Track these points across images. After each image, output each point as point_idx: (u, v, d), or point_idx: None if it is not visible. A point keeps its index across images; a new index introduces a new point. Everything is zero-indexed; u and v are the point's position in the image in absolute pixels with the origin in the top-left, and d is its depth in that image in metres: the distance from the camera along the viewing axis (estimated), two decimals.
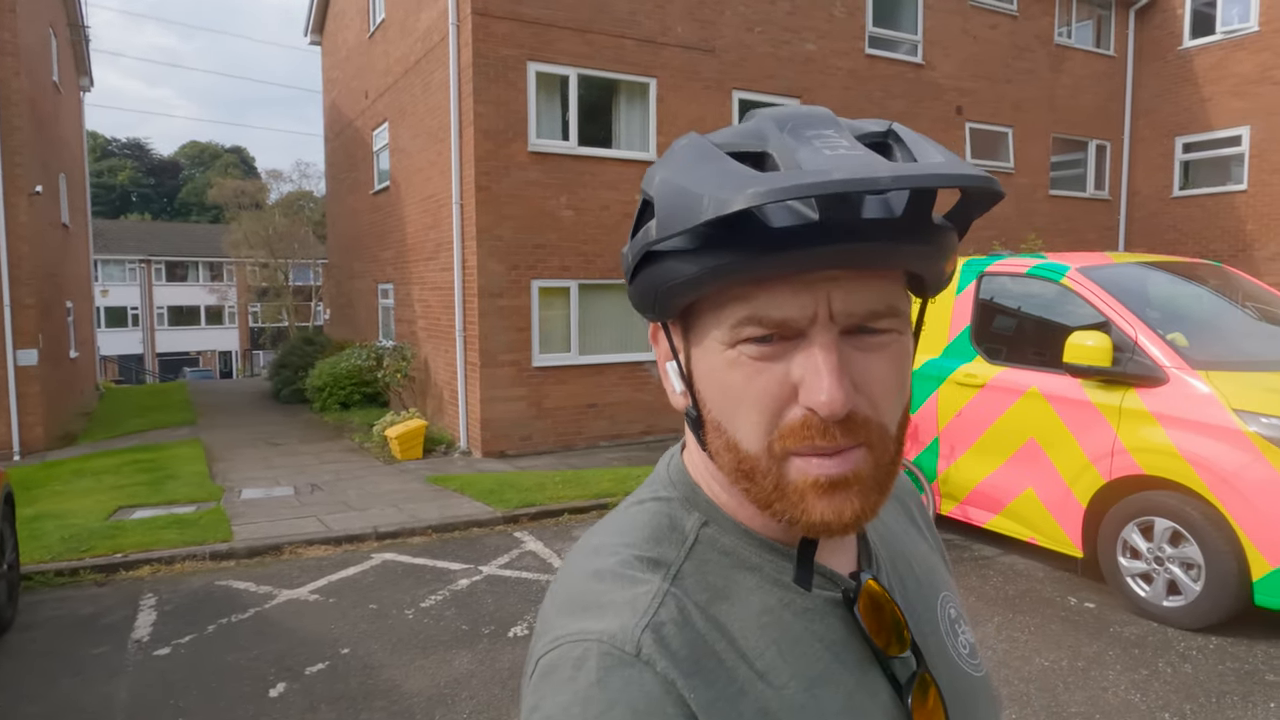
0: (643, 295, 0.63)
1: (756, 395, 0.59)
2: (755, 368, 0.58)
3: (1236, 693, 3.72)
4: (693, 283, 0.58)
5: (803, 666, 0.62)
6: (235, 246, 30.50)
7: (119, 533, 6.26)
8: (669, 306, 0.62)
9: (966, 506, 5.66)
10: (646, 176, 0.62)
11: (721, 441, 0.62)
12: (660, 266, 0.59)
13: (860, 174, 0.51)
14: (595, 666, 0.56)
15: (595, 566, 0.65)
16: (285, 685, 3.95)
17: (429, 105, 10.59)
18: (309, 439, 11.11)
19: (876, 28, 11.97)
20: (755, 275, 0.56)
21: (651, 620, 0.59)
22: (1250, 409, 4.17)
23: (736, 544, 0.66)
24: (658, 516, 0.68)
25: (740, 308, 0.58)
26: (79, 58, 17.86)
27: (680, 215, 0.55)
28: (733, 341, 0.59)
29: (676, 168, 0.58)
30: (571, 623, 0.60)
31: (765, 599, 0.64)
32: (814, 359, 0.57)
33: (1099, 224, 14.82)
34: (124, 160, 60.05)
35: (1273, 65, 12.89)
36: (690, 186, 0.55)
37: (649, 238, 0.58)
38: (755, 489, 0.61)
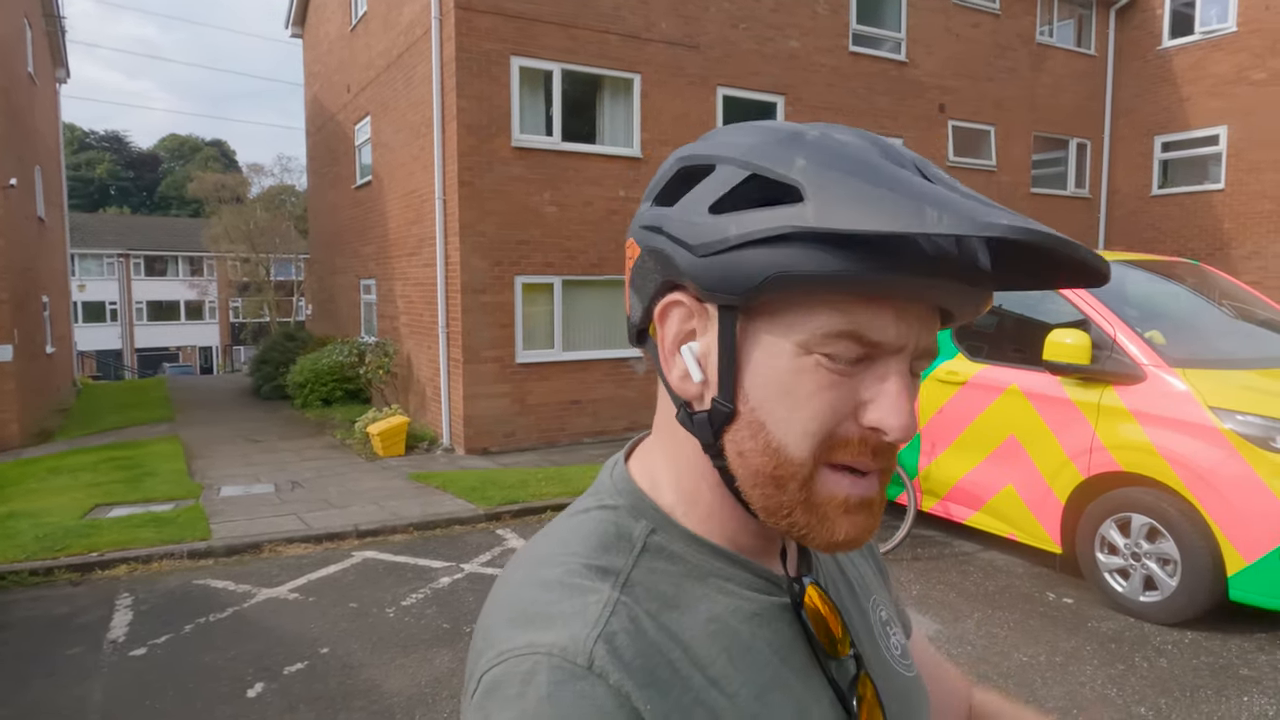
0: (733, 275, 0.57)
1: (822, 407, 0.58)
2: (829, 380, 0.58)
3: (1210, 687, 3.77)
4: (822, 280, 0.54)
5: (753, 673, 0.61)
6: (215, 241, 30.15)
7: (95, 531, 6.18)
8: (759, 292, 0.56)
9: (947, 503, 5.70)
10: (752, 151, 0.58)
11: (759, 443, 0.59)
12: (787, 251, 0.54)
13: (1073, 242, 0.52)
14: (545, 680, 0.54)
15: (541, 576, 0.62)
16: (263, 685, 3.91)
17: (411, 100, 10.51)
18: (290, 435, 11.02)
19: (860, 25, 12.00)
20: (884, 291, 0.56)
21: (604, 630, 0.57)
22: (1226, 406, 4.22)
23: (685, 551, 0.65)
24: (604, 524, 0.65)
25: (836, 319, 0.56)
26: (55, 49, 17.58)
27: (860, 212, 0.52)
28: (812, 349, 0.57)
29: (838, 162, 0.55)
30: (518, 635, 0.57)
31: (713, 606, 0.63)
32: (894, 385, 0.58)
33: (1079, 222, 14.95)
34: (102, 153, 59.26)
35: (1250, 66, 13.04)
36: (886, 189, 0.53)
37: (801, 220, 0.54)
38: (780, 496, 0.60)
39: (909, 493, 5.58)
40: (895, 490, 5.96)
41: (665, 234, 0.60)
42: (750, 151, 0.58)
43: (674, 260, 0.60)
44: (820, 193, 0.54)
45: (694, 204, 0.59)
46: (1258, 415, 4.13)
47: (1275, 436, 4.05)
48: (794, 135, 0.59)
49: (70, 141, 53.43)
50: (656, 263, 0.62)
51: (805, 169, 0.55)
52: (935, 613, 4.66)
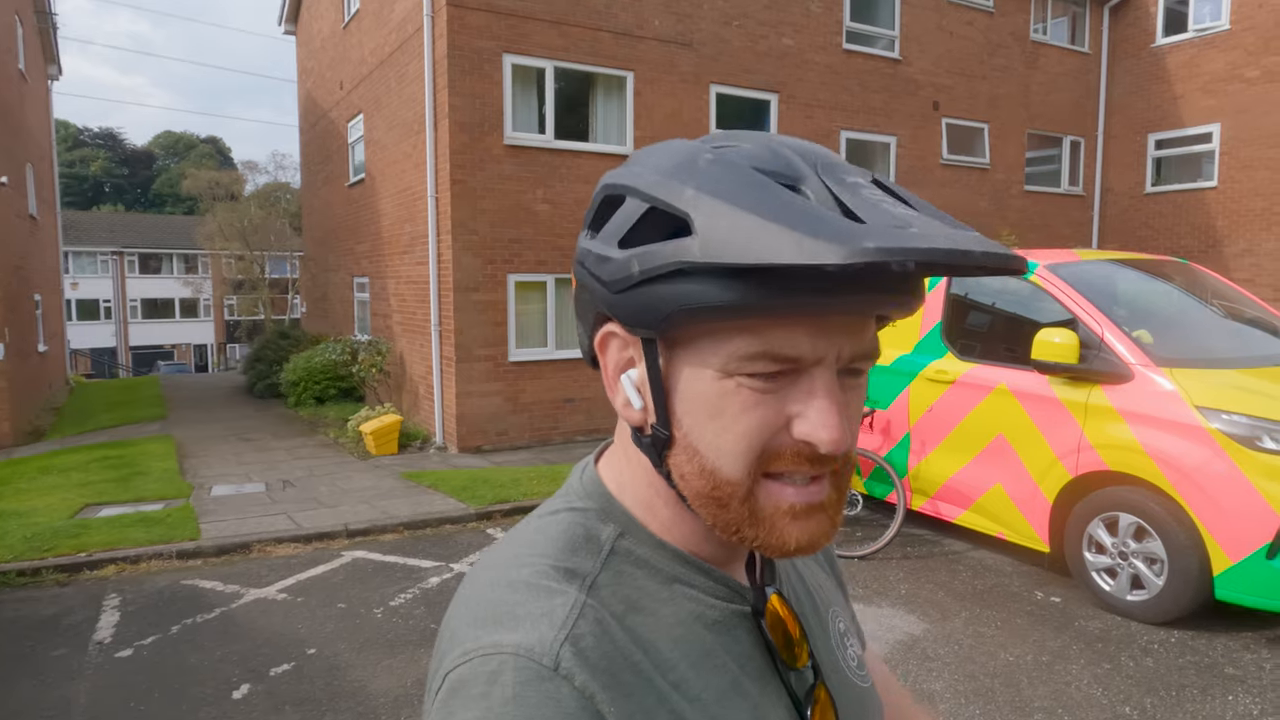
0: (644, 310, 0.58)
1: (750, 426, 0.58)
2: (753, 399, 0.58)
3: (1196, 686, 3.78)
4: (719, 310, 0.55)
5: (714, 679, 0.62)
6: (209, 239, 30.08)
7: (84, 531, 6.16)
8: (673, 325, 0.58)
9: (937, 502, 5.70)
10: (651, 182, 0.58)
11: (695, 466, 0.60)
12: (685, 286, 0.55)
13: (959, 245, 0.51)
14: (511, 681, 0.54)
15: (508, 577, 0.62)
16: (249, 687, 3.90)
17: (404, 97, 10.48)
18: (283, 434, 10.99)
19: (854, 23, 11.98)
20: (786, 312, 0.55)
21: (571, 632, 0.57)
22: (1213, 406, 4.23)
23: (651, 555, 0.65)
24: (572, 527, 0.66)
25: (750, 341, 0.57)
26: (46, 45, 17.49)
27: (740, 247, 0.52)
28: (732, 372, 0.58)
29: (724, 190, 0.54)
30: (484, 635, 0.57)
31: (678, 611, 0.64)
32: (819, 398, 0.58)
33: (1073, 220, 14.97)
34: (96, 150, 59.02)
35: (1243, 63, 13.05)
36: (762, 221, 0.52)
37: (687, 255, 0.54)
38: (725, 515, 0.60)
39: (898, 492, 5.59)
40: (885, 489, 5.97)
41: (586, 269, 0.62)
42: (650, 181, 0.58)
43: (596, 295, 0.62)
44: (706, 224, 0.54)
45: (607, 238, 0.60)
46: (1244, 414, 4.13)
47: (1261, 436, 4.06)
48: (688, 162, 0.58)
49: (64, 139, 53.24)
50: (588, 295, 0.64)
51: (694, 199, 0.55)
52: (923, 612, 4.66)
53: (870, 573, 5.27)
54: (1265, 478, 4.00)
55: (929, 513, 5.80)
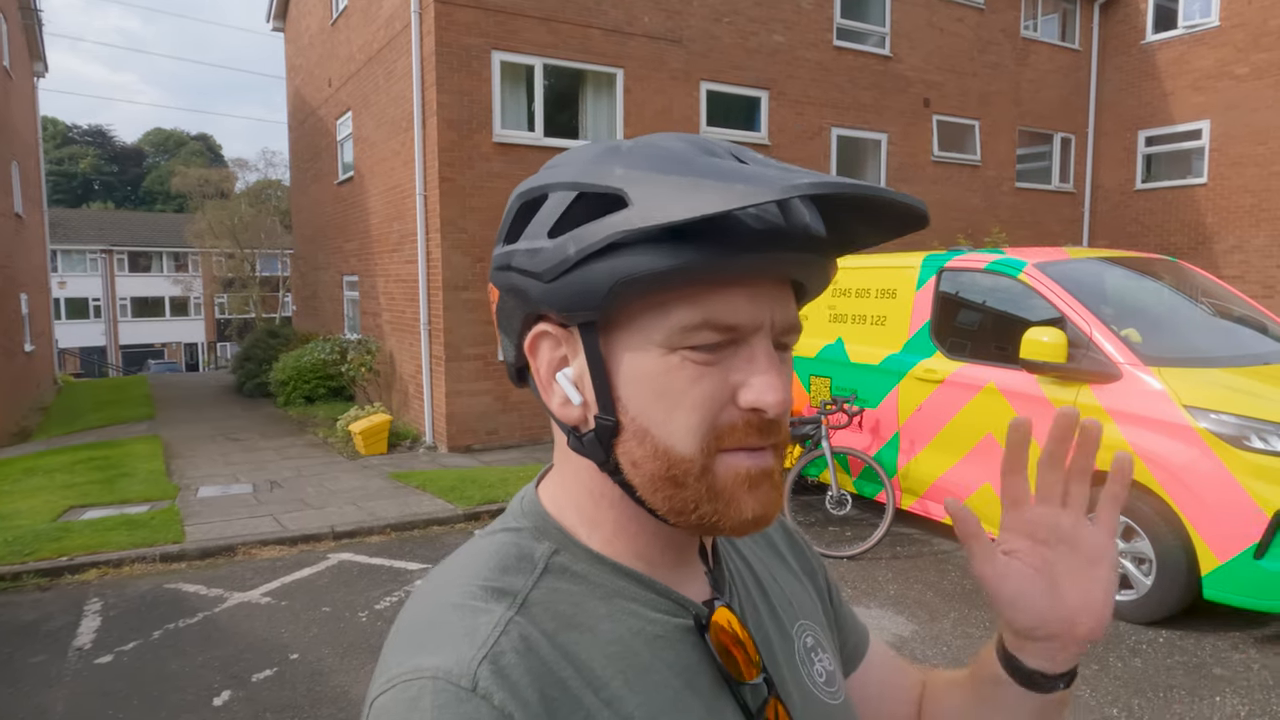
0: (582, 291, 0.58)
1: (698, 399, 0.59)
2: (699, 371, 0.59)
3: (1184, 686, 3.76)
4: (662, 276, 0.56)
5: (650, 695, 0.61)
6: (199, 237, 29.88)
7: (66, 534, 6.09)
8: (612, 303, 0.58)
9: (926, 501, 5.68)
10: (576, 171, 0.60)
11: (648, 449, 0.60)
12: (623, 258, 0.56)
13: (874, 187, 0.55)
14: (430, 705, 0.54)
15: (438, 600, 0.62)
16: (230, 693, 3.86)
17: (392, 94, 10.40)
18: (271, 434, 10.92)
19: (844, 20, 11.95)
20: (726, 275, 0.57)
21: (490, 651, 0.56)
22: (1200, 405, 4.21)
23: (588, 570, 0.65)
24: (506, 547, 0.66)
25: (690, 312, 0.58)
26: (32, 42, 17.34)
27: (686, 202, 0.54)
28: (676, 345, 0.59)
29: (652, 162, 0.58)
30: (407, 659, 0.57)
31: (616, 627, 0.63)
32: (759, 363, 0.60)
33: (1063, 217, 14.98)
34: (85, 147, 58.66)
35: (1232, 60, 13.07)
36: (696, 178, 0.55)
37: (627, 224, 0.55)
38: (682, 494, 0.61)
39: (887, 491, 5.57)
40: (874, 488, 5.95)
41: (514, 269, 0.62)
42: (574, 173, 0.60)
43: (528, 292, 0.62)
44: (640, 194, 0.56)
45: (534, 233, 0.61)
46: (1232, 414, 4.12)
47: (1249, 435, 4.04)
48: (611, 149, 0.61)
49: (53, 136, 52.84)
50: (515, 299, 0.64)
51: (624, 175, 0.57)
52: (912, 612, 4.64)
53: (859, 573, 5.25)
54: (1253, 477, 3.99)
55: (918, 512, 5.78)
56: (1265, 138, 12.72)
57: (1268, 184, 12.74)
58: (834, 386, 6.32)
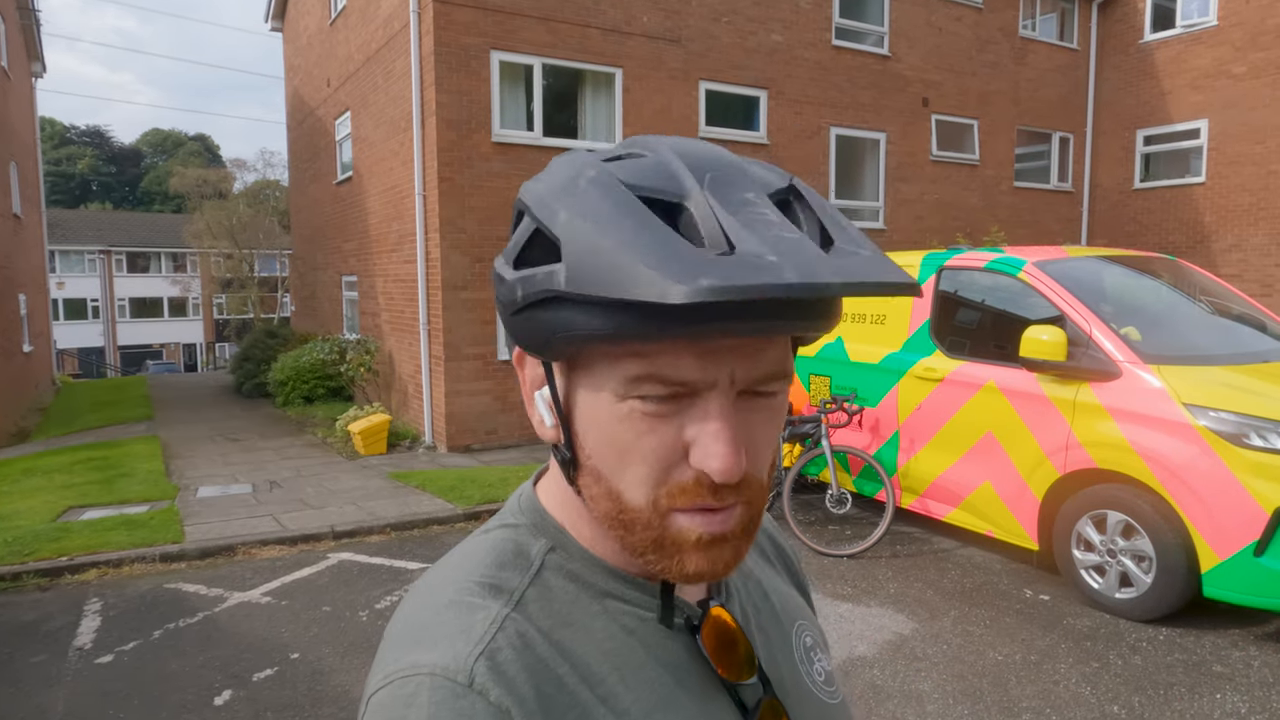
0: (531, 334, 0.58)
1: (647, 452, 0.57)
2: (648, 424, 0.57)
3: (1184, 684, 3.77)
4: (596, 338, 0.54)
5: (644, 692, 0.61)
6: (197, 237, 29.83)
7: (65, 534, 6.08)
8: (559, 351, 0.58)
9: (926, 500, 5.68)
10: (540, 203, 0.57)
11: (600, 489, 0.60)
12: (560, 313, 0.55)
13: (811, 278, 0.48)
14: (426, 701, 0.54)
15: (434, 598, 0.63)
16: (231, 693, 3.85)
17: (391, 94, 10.39)
18: (270, 434, 10.91)
19: (843, 19, 11.95)
20: (667, 340, 0.54)
21: (487, 647, 0.57)
22: (1200, 403, 4.22)
23: (583, 570, 0.65)
24: (502, 544, 0.66)
25: (637, 364, 0.56)
26: (30, 42, 17.32)
27: (603, 280, 0.50)
28: (625, 395, 0.57)
29: (592, 215, 0.53)
30: (404, 656, 0.58)
31: (609, 625, 0.64)
32: (710, 425, 0.56)
33: (1062, 216, 14.99)
34: (83, 148, 58.56)
35: (1230, 59, 13.09)
36: (620, 252, 0.50)
37: (555, 285, 0.53)
38: (632, 539, 0.60)
39: (887, 490, 5.57)
40: (874, 487, 5.95)
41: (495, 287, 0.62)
42: (536, 199, 0.58)
43: (501, 315, 0.62)
44: (571, 253, 0.53)
45: (507, 256, 0.60)
46: (1231, 412, 4.12)
47: (1249, 433, 4.05)
48: (569, 182, 0.57)
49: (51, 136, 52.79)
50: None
51: (565, 224, 0.54)
52: (912, 611, 4.65)
53: (859, 571, 5.25)
54: (1252, 475, 3.99)
55: (918, 511, 5.78)
56: (1263, 136, 12.74)
57: (1266, 183, 12.76)
58: (834, 385, 6.32)
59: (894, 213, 12.71)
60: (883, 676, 3.90)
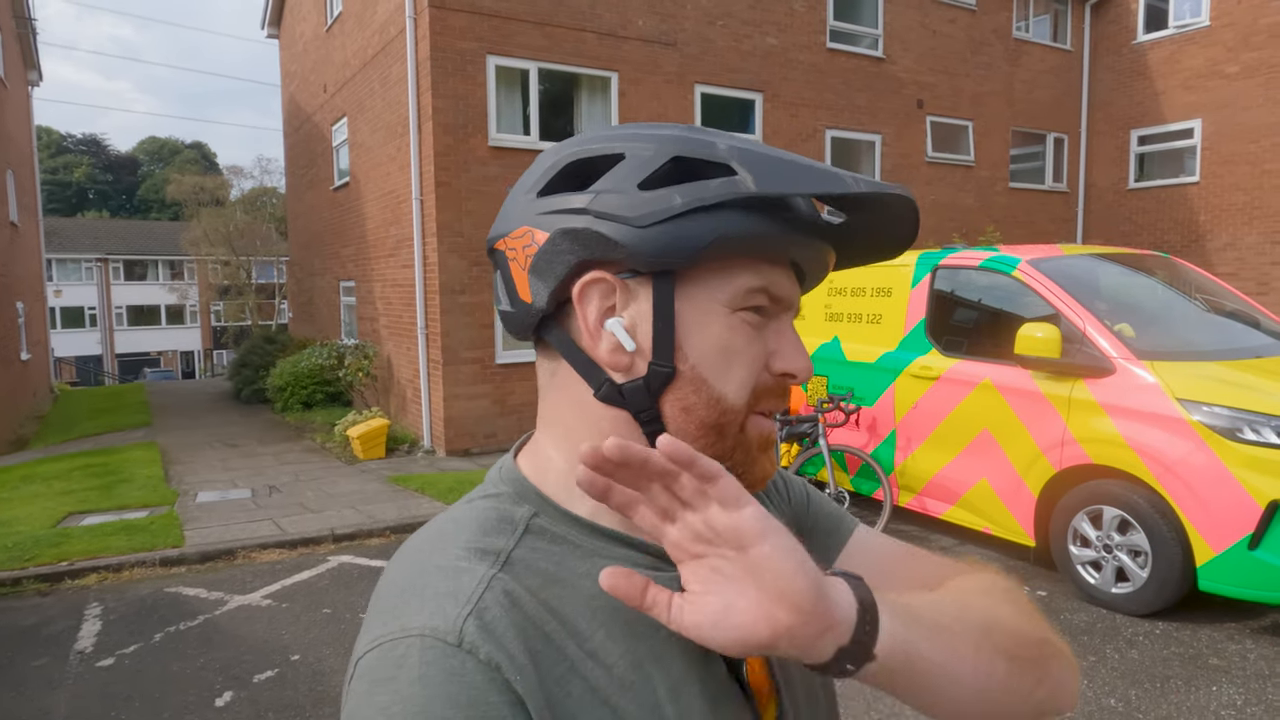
0: (681, 241, 0.62)
1: (751, 358, 0.66)
2: (751, 334, 0.66)
3: (1180, 677, 3.79)
4: (759, 241, 0.64)
5: (632, 646, 0.62)
6: (194, 244, 29.84)
7: (65, 540, 6.09)
8: (701, 257, 0.63)
9: (924, 498, 5.71)
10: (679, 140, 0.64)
11: (703, 396, 0.65)
12: (729, 217, 0.62)
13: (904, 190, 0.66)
14: (417, 662, 0.55)
15: (420, 563, 0.64)
16: (232, 694, 3.87)
17: (387, 100, 10.43)
18: (269, 440, 10.92)
19: (837, 22, 12.01)
20: (791, 253, 0.67)
21: (475, 607, 0.58)
22: (1193, 398, 4.25)
23: (568, 532, 0.66)
24: (486, 512, 0.67)
25: (753, 278, 0.65)
26: (26, 51, 17.35)
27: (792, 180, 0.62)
28: (738, 306, 0.65)
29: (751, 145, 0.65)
30: (392, 620, 0.59)
31: (595, 582, 0.63)
32: (788, 336, 0.68)
33: (1057, 216, 15.05)
34: (80, 156, 58.58)
35: (1222, 59, 13.16)
36: (795, 163, 0.63)
37: (741, 189, 0.61)
38: (721, 442, 0.66)
39: (885, 488, 5.59)
40: (872, 486, 5.97)
41: (592, 212, 0.63)
42: (667, 142, 0.65)
43: (607, 235, 0.63)
44: (752, 164, 0.63)
45: (619, 184, 0.63)
46: (1225, 406, 4.15)
47: (1242, 427, 4.08)
48: (688, 129, 0.67)
49: (47, 145, 52.81)
50: (575, 243, 0.64)
51: (728, 151, 0.64)
52: None
53: None
54: (1246, 469, 4.02)
55: (916, 509, 5.80)
56: (1256, 136, 12.80)
57: (1259, 182, 12.82)
58: (831, 385, 6.35)
59: None
60: None
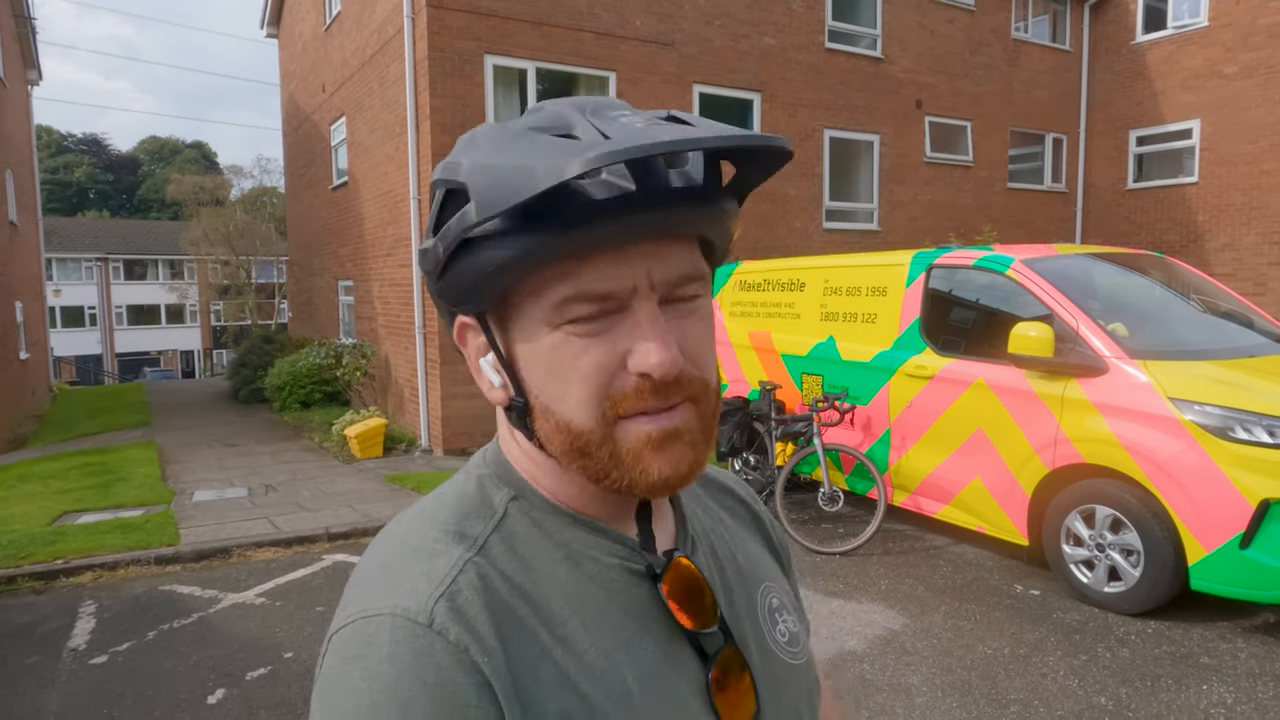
0: (459, 286, 0.62)
1: (586, 371, 0.60)
2: (582, 345, 0.60)
3: (1171, 675, 3.79)
4: (517, 262, 0.58)
5: (604, 635, 0.63)
6: (194, 244, 29.87)
7: (61, 538, 6.10)
8: (488, 294, 0.61)
9: (918, 497, 5.71)
10: (445, 168, 0.62)
11: (552, 424, 0.63)
12: (480, 251, 0.59)
13: (681, 136, 0.54)
14: (387, 640, 0.56)
15: (399, 544, 0.65)
16: (224, 692, 3.87)
17: (385, 99, 10.44)
18: (266, 439, 10.93)
19: (835, 22, 12.02)
20: (581, 249, 0.58)
21: (448, 589, 0.58)
22: (1185, 397, 4.25)
23: (544, 517, 0.67)
24: (466, 493, 0.69)
25: (562, 286, 0.59)
26: (25, 50, 17.37)
27: (506, 192, 0.55)
28: (557, 322, 0.60)
29: (488, 151, 0.59)
30: (366, 598, 0.60)
31: (571, 570, 0.65)
32: (641, 328, 0.60)
33: (1055, 216, 15.05)
34: (80, 156, 58.62)
35: (1221, 60, 13.16)
36: (513, 163, 0.56)
37: (467, 222, 0.58)
38: (591, 464, 0.62)
39: (879, 487, 5.60)
40: (866, 485, 5.98)
41: (422, 269, 0.66)
42: (442, 168, 0.62)
43: (431, 290, 0.66)
44: (476, 186, 0.58)
45: (428, 231, 0.64)
46: (1216, 405, 4.16)
47: (1234, 427, 4.08)
48: (470, 137, 0.63)
49: (48, 145, 52.85)
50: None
51: (468, 169, 0.59)
52: (903, 606, 4.67)
53: (851, 568, 5.28)
54: (1237, 468, 4.02)
55: (910, 508, 5.81)
56: (1255, 136, 12.80)
57: (1258, 182, 12.82)
58: (825, 384, 6.35)
59: (888, 214, 12.76)
60: (873, 670, 3.92)
